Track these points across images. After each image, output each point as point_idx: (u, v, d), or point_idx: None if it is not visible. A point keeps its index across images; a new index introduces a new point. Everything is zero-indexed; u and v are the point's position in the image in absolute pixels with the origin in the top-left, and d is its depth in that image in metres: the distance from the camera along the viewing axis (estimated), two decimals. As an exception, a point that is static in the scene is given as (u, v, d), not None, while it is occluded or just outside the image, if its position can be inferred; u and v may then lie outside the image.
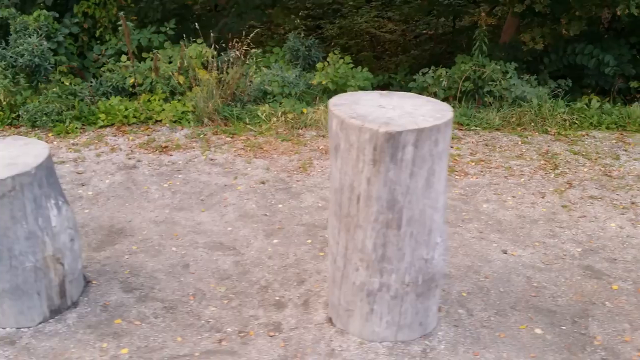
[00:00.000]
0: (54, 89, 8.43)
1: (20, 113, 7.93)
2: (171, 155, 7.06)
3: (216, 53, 8.63)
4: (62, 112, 7.95)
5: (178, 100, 8.34)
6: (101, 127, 7.90)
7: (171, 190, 6.28)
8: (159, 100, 8.28)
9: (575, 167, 6.80)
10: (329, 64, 9.03)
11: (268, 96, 8.61)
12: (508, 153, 7.20)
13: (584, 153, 7.18)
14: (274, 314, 4.44)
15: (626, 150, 7.30)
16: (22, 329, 4.22)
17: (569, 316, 4.46)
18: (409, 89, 9.44)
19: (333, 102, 3.86)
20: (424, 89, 9.28)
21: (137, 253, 5.21)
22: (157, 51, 8.67)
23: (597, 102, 8.70)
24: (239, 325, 4.34)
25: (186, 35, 9.16)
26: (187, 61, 8.53)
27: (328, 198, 5.96)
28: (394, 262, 3.83)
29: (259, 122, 7.94)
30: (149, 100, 8.30)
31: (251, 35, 8.83)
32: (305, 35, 13.52)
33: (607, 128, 8.06)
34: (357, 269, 3.91)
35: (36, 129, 7.79)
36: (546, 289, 4.76)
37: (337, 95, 4.04)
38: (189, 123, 7.95)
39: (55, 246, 4.22)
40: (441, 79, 9.15)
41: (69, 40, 9.68)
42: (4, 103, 8.04)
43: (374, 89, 10.26)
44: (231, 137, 7.58)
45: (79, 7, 10.02)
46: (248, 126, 7.89)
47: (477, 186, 6.41)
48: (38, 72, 8.32)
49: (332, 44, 16.02)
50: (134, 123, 8.01)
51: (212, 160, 6.94)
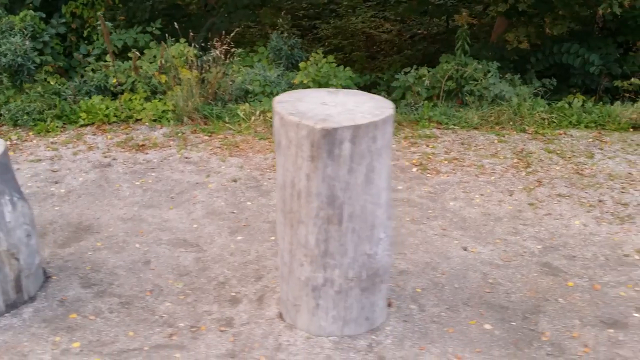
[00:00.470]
0: (38, 89, 8.50)
1: (1, 112, 8.00)
2: (147, 153, 7.12)
3: (198, 52, 8.67)
4: (44, 111, 8.02)
5: (160, 99, 8.40)
6: (82, 126, 7.97)
7: (142, 188, 6.34)
8: (140, 99, 8.34)
9: (547, 166, 6.82)
10: (312, 63, 9.07)
11: (249, 95, 8.66)
12: (483, 152, 7.22)
13: (559, 152, 7.20)
14: (228, 310, 4.49)
15: (602, 149, 7.31)
16: (-23, 323, 4.29)
17: (521, 312, 4.49)
18: (394, 89, 9.48)
19: (278, 99, 3.91)
20: (408, 89, 9.30)
21: (101, 249, 5.27)
22: (136, 50, 8.72)
23: (579, 101, 8.70)
24: (192, 320, 4.39)
25: (175, 35, 9.22)
26: (169, 60, 8.58)
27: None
28: (337, 258, 3.87)
29: (239, 121, 8.00)
30: (130, 99, 8.36)
31: (232, 34, 8.87)
32: (298, 35, 13.58)
33: (586, 127, 8.07)
34: (302, 264, 3.96)
35: (17, 128, 7.86)
36: (501, 286, 4.79)
37: (285, 92, 4.08)
38: (169, 122, 8.02)
39: (9, 241, 4.28)
40: (424, 79, 9.17)
41: (56, 40, 9.75)
42: (-13, 102, 8.14)
43: (360, 88, 10.31)
44: (209, 136, 7.63)
45: (67, 8, 10.10)
46: (227, 125, 7.95)
47: (447, 184, 6.44)
48: (21, 72, 8.39)
49: (326, 44, 16.08)
50: (115, 122, 8.07)
51: (187, 158, 7.00)
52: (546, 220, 5.75)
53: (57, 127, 7.85)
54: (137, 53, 8.58)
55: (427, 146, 7.42)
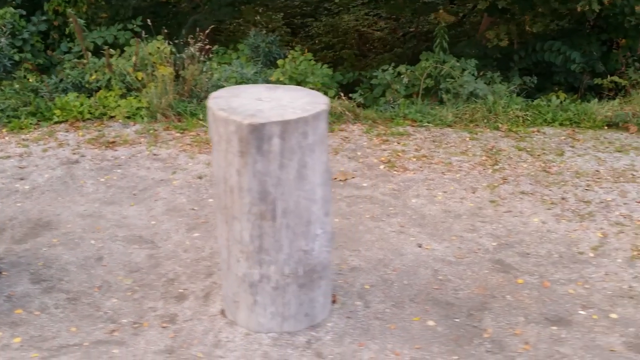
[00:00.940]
0: (15, 86, 8.52)
1: (-24, 109, 8.03)
2: (116, 150, 7.12)
3: (173, 49, 8.67)
4: (18, 109, 8.03)
5: (135, 96, 8.41)
6: (56, 123, 7.98)
7: (107, 184, 6.34)
8: (115, 96, 8.34)
9: (515, 163, 6.79)
10: (290, 61, 9.06)
11: (225, 92, 8.64)
12: (453, 149, 7.20)
13: (529, 149, 7.17)
14: (173, 306, 4.49)
15: (573, 146, 7.28)
16: None
17: (466, 309, 4.48)
18: (374, 86, 9.47)
19: (214, 95, 3.91)
20: (388, 86, 9.29)
21: (56, 246, 5.27)
22: (110, 48, 8.73)
23: (557, 99, 8.66)
24: (136, 316, 4.39)
25: (159, 32, 9.22)
26: (146, 58, 8.58)
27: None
28: (272, 254, 3.86)
29: (212, 118, 7.98)
30: (106, 96, 8.36)
31: (207, 31, 8.87)
32: (289, 32, 13.56)
33: (561, 125, 8.03)
34: (238, 261, 3.95)
35: (-8, 125, 7.88)
36: (450, 282, 4.78)
37: (224, 88, 4.07)
38: (142, 119, 8.02)
39: (-47, 237, 4.29)
40: (402, 76, 9.16)
41: (37, 37, 9.78)
42: (-38, 99, 8.16)
43: (343, 86, 10.31)
44: (181, 133, 7.63)
45: (50, 5, 10.13)
46: (201, 122, 7.94)
47: (412, 182, 6.42)
48: (-3, 69, 8.42)
49: (317, 42, 16.07)
50: (89, 119, 8.08)
51: (156, 155, 7.00)
52: (505, 217, 5.73)
53: (31, 124, 7.86)
54: (112, 50, 8.58)
55: (399, 144, 7.40)
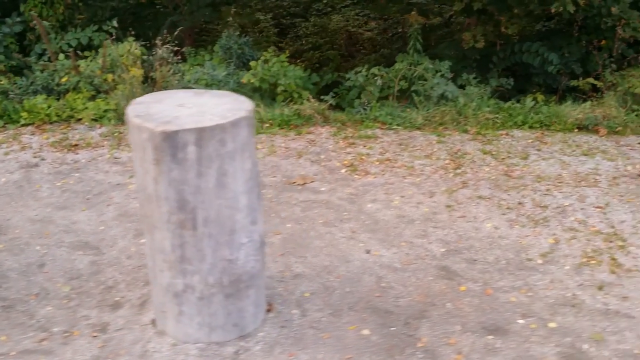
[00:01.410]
0: (-16, 88, 8.49)
1: (-57, 112, 7.99)
2: (77, 153, 7.07)
3: (144, 51, 8.62)
4: (-15, 111, 7.99)
5: (103, 98, 8.35)
6: (23, 126, 7.93)
7: (62, 189, 6.29)
8: (84, 98, 8.29)
9: (478, 167, 6.71)
10: (262, 62, 8.99)
11: (195, 95, 8.58)
12: (418, 152, 7.12)
13: (494, 153, 7.09)
14: (106, 315, 4.43)
15: (539, 149, 7.20)
16: None
17: (404, 317, 4.41)
18: (350, 88, 9.38)
19: (136, 101, 3.85)
20: (362, 88, 9.21)
21: (1, 251, 5.23)
22: (75, 50, 8.69)
23: (531, 101, 8.57)
24: (68, 325, 4.34)
25: (139, 34, 9.17)
26: (116, 59, 8.53)
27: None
28: (195, 263, 3.80)
29: (178, 121, 7.92)
30: (75, 99, 8.31)
31: (175, 32, 8.82)
32: (275, 33, 13.47)
33: (531, 127, 7.94)
34: (162, 270, 3.89)
35: (-43, 128, 7.84)
36: (393, 290, 4.71)
37: (150, 94, 4.01)
38: (110, 121, 7.96)
39: None
40: (376, 78, 9.08)
41: (11, 39, 9.74)
42: None
43: (322, 88, 10.22)
44: (146, 136, 7.56)
45: (27, 6, 10.09)
46: (167, 125, 7.87)
47: (371, 186, 6.35)
48: (-36, 71, 8.37)
49: (304, 42, 16.00)
50: (56, 122, 8.03)
51: (116, 158, 6.95)
52: (458, 222, 5.66)
53: (-3, 127, 7.82)
54: (78, 52, 8.53)
55: (364, 147, 7.33)
